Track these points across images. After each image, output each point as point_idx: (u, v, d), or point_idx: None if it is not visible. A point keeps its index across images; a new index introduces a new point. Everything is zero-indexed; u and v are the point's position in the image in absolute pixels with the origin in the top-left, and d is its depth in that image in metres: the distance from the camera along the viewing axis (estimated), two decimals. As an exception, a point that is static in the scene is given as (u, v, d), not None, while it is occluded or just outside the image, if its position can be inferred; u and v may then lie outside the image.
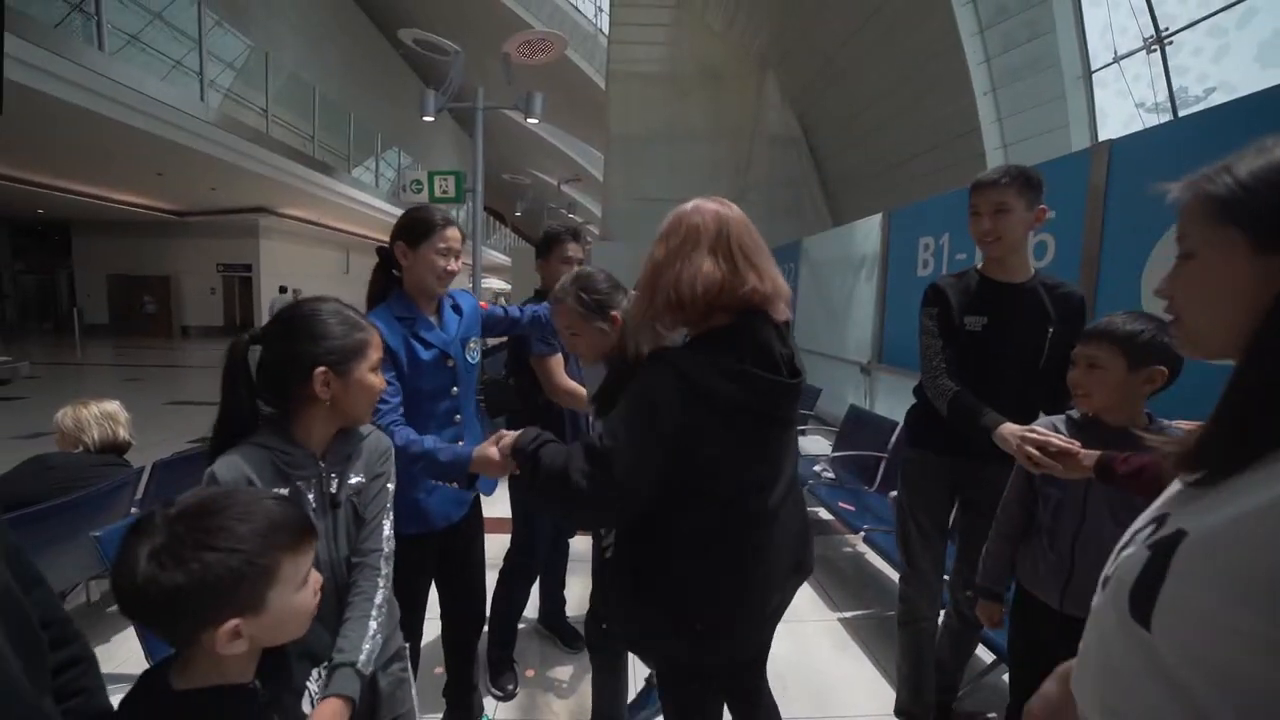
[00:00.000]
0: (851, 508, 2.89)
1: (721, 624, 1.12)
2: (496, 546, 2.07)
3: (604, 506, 1.05)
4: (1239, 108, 2.09)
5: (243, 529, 0.73)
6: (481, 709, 1.89)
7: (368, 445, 1.16)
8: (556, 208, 21.52)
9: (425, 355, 1.53)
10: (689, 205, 1.13)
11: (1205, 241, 0.57)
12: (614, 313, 1.40)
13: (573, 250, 2.22)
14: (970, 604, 1.66)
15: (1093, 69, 7.06)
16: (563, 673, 2.26)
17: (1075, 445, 1.20)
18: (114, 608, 1.99)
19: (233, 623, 0.71)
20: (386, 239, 1.62)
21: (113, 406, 2.19)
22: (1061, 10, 6.89)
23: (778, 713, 1.42)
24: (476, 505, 1.77)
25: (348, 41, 20.64)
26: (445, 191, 5.57)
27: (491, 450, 1.23)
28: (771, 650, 2.29)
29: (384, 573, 1.11)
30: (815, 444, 4.22)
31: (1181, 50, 5.90)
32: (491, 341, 3.24)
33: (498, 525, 2.11)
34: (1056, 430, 1.33)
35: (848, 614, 2.65)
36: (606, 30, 12.84)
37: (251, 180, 11.82)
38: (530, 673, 2.24)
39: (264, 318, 16.85)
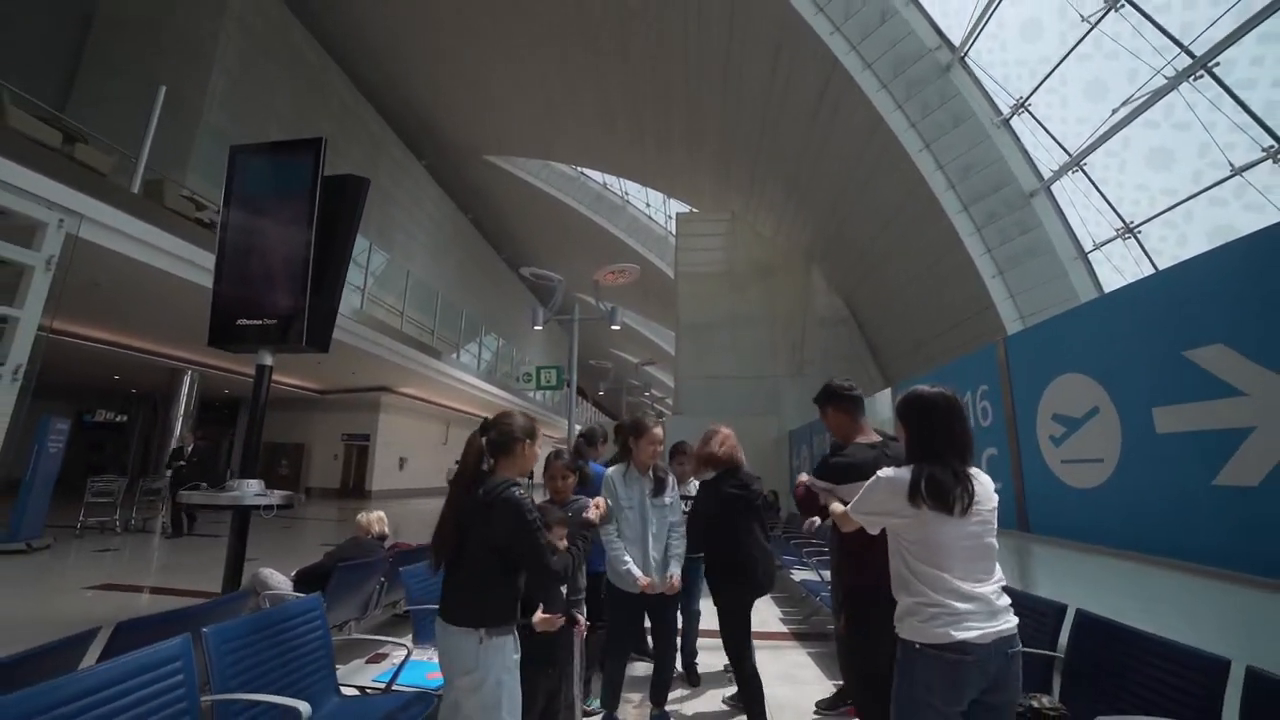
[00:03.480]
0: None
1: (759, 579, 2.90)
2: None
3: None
4: (1079, 312, 3.23)
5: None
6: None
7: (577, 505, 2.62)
8: (637, 385, 23.60)
9: None
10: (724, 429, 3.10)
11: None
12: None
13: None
14: None
15: (1087, 251, 8.25)
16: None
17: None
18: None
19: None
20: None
21: (380, 514, 3.62)
22: (1044, 211, 8.32)
23: None
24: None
25: (462, 251, 25.58)
26: (548, 380, 7.19)
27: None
28: (780, 691, 3.23)
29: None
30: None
31: (1150, 237, 7.03)
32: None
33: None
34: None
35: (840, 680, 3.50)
36: (674, 230, 15.62)
37: (383, 365, 14.46)
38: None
39: (376, 482, 19.06)
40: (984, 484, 1.73)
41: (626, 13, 11.94)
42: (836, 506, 2.08)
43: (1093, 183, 7.51)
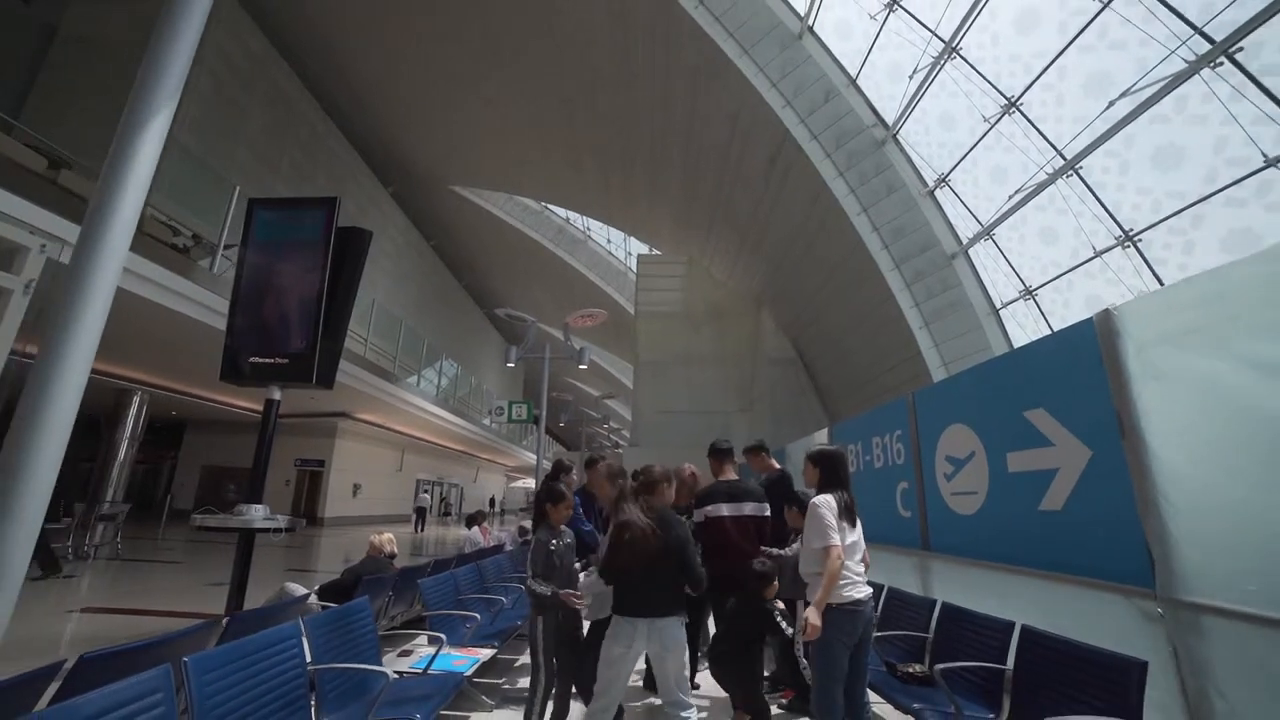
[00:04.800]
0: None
1: None
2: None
3: None
4: (962, 376, 4.08)
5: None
6: None
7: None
8: (595, 416, 24.11)
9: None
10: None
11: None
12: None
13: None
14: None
15: (998, 308, 9.44)
16: None
17: None
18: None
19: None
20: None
21: (390, 535, 4.11)
22: (963, 272, 9.50)
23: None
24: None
25: (422, 278, 25.76)
26: (519, 415, 7.73)
27: None
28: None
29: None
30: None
31: (1045, 300, 8.22)
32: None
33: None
34: None
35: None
36: (634, 267, 16.46)
37: (344, 391, 14.53)
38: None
39: (329, 509, 18.67)
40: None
41: (598, 71, 12.89)
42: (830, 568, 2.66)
43: (1000, 251, 8.71)
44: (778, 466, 4.44)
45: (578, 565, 3.02)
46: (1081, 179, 6.54)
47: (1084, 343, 2.61)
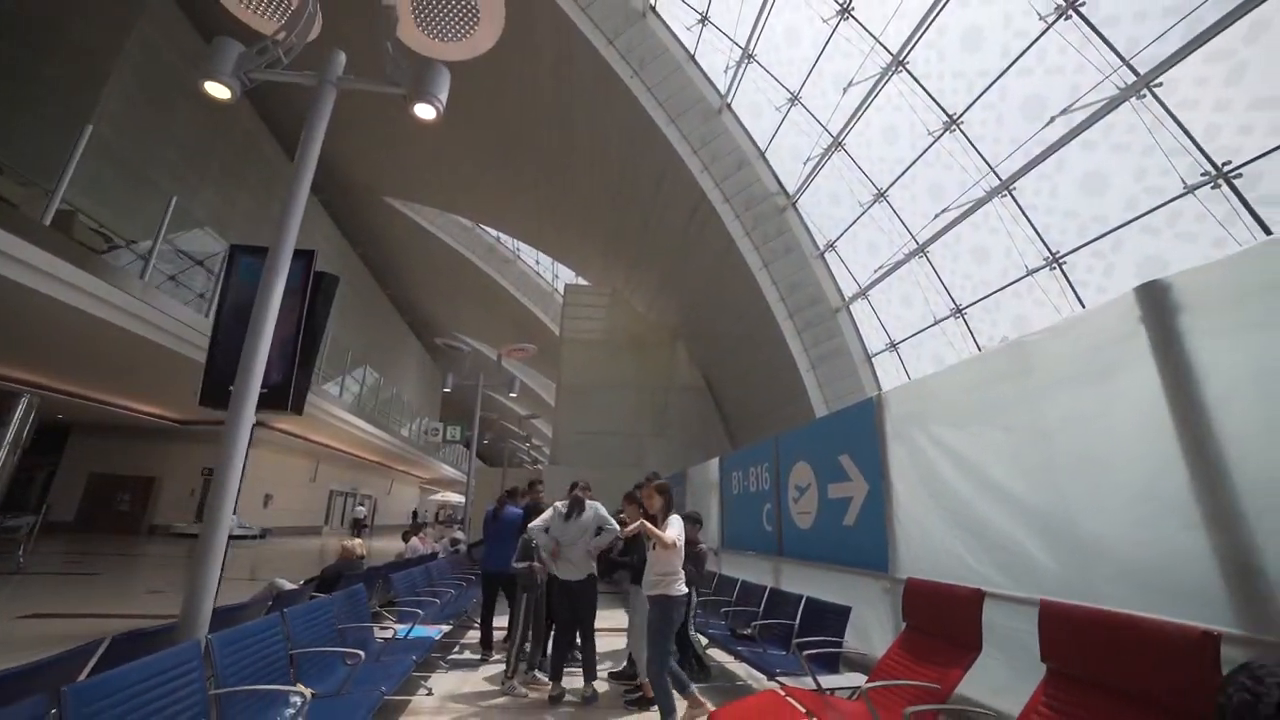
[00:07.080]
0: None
1: None
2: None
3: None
4: (810, 427, 5.39)
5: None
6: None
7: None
8: (519, 433, 24.68)
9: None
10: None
11: None
12: None
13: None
14: None
15: (871, 356, 11.18)
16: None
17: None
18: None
19: None
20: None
21: (360, 540, 4.86)
22: (844, 324, 11.20)
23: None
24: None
25: (344, 285, 25.30)
26: (453, 436, 8.49)
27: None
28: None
29: None
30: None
31: (906, 354, 9.96)
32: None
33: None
34: None
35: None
36: (560, 289, 17.31)
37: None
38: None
39: (239, 520, 18.11)
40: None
41: (540, 115, 13.92)
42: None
43: (873, 309, 10.43)
44: None
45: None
46: (928, 260, 8.29)
47: (869, 411, 3.93)
